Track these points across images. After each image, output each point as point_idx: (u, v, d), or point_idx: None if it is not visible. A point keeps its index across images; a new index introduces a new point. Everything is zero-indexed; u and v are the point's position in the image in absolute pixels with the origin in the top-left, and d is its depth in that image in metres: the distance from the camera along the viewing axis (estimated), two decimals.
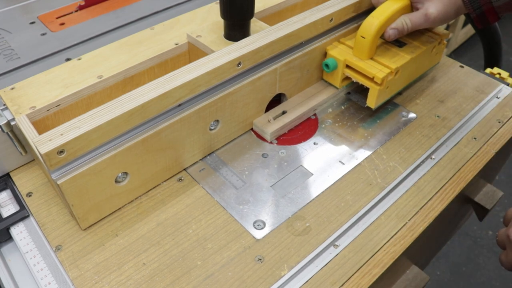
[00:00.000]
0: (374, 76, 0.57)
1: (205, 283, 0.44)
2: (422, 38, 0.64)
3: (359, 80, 0.59)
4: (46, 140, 0.41)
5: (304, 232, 0.48)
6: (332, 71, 0.61)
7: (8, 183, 0.53)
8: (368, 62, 0.58)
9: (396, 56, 0.60)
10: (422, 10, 0.59)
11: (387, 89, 0.60)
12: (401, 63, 0.59)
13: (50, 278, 0.44)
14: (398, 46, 0.62)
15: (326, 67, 0.61)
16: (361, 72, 0.58)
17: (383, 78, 0.56)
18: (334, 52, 0.60)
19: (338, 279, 0.44)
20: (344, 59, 0.59)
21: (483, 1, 0.58)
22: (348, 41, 0.62)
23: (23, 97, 0.51)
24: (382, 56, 0.59)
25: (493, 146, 0.58)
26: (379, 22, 0.56)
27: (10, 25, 0.74)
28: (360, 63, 0.58)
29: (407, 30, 0.60)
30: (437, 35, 0.64)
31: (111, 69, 0.55)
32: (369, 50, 0.58)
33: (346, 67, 0.60)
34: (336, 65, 0.60)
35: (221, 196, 0.52)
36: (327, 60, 0.60)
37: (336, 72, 0.61)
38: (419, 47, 0.62)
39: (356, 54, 0.59)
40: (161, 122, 0.48)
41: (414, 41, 0.63)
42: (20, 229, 0.49)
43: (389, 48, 0.61)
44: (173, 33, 0.62)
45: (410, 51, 0.61)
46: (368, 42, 0.57)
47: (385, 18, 0.57)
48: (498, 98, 0.66)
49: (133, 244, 0.47)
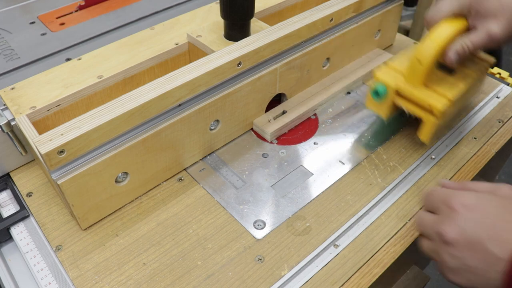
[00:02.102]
0: (432, 107, 0.49)
1: (206, 283, 0.44)
2: (469, 64, 0.56)
3: (412, 111, 0.52)
4: (46, 140, 0.41)
5: (304, 232, 0.48)
6: (382, 99, 0.53)
7: (8, 183, 0.53)
8: (423, 90, 0.51)
9: (450, 84, 0.52)
10: (483, 29, 0.50)
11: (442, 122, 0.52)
12: (457, 92, 0.51)
13: (50, 278, 0.44)
14: (448, 72, 0.54)
15: (376, 95, 0.52)
16: (416, 102, 0.51)
17: (443, 109, 0.49)
18: (384, 76, 0.52)
19: (338, 279, 0.44)
20: (396, 85, 0.51)
21: None
22: (395, 63, 0.54)
23: (23, 97, 0.51)
24: (437, 84, 0.51)
25: (493, 146, 0.58)
26: (439, 46, 0.48)
27: (10, 25, 0.74)
28: (416, 92, 0.50)
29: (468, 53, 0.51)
30: (483, 60, 0.57)
31: (111, 69, 0.55)
32: (425, 77, 0.50)
33: (397, 94, 0.52)
34: (386, 92, 0.52)
35: (221, 196, 0.52)
36: (377, 87, 0.52)
37: (385, 100, 0.53)
38: (470, 74, 0.54)
39: (409, 80, 0.51)
40: (161, 122, 0.48)
41: (463, 67, 0.55)
42: (20, 229, 0.49)
43: (440, 74, 0.53)
44: (173, 33, 0.62)
45: (462, 78, 0.53)
46: (425, 68, 0.49)
47: (445, 41, 0.49)
48: (498, 98, 0.66)
49: (133, 244, 0.47)
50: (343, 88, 0.65)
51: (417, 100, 0.50)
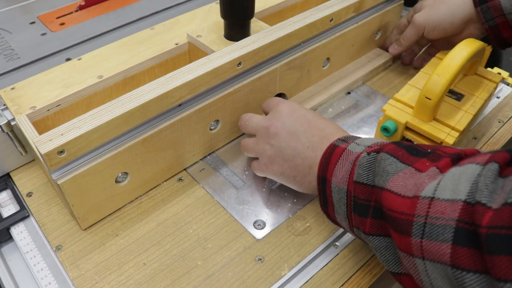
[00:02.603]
0: (442, 142, 0.50)
1: (206, 283, 0.44)
2: (476, 85, 0.57)
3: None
4: (47, 140, 0.41)
5: (304, 232, 0.48)
6: (392, 135, 0.53)
7: (8, 183, 0.53)
8: (432, 124, 0.51)
9: (458, 113, 0.53)
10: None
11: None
12: (466, 121, 0.51)
13: (50, 278, 0.44)
14: (456, 99, 0.55)
15: (386, 132, 0.53)
16: (426, 136, 0.52)
17: (453, 143, 0.50)
18: (392, 113, 0.53)
19: (338, 279, 0.44)
20: (405, 121, 0.52)
21: (496, 12, 0.55)
22: (404, 97, 0.54)
23: (23, 97, 0.51)
24: (445, 115, 0.52)
25: (493, 146, 0.58)
26: (447, 81, 0.49)
27: (10, 25, 0.74)
28: (425, 126, 0.51)
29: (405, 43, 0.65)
30: (490, 80, 0.57)
31: (111, 69, 0.55)
32: (434, 112, 0.51)
33: (406, 129, 0.53)
34: (396, 129, 0.53)
35: (221, 196, 0.52)
36: (386, 123, 0.52)
37: (395, 135, 0.54)
38: (478, 98, 0.55)
39: (417, 115, 0.52)
40: (161, 122, 0.48)
41: (470, 91, 0.56)
42: (20, 229, 0.49)
43: (449, 103, 0.54)
44: (173, 33, 0.62)
45: (471, 105, 0.54)
46: (433, 103, 0.50)
47: (452, 75, 0.49)
48: (498, 98, 0.66)
49: (134, 244, 0.47)
50: (343, 88, 0.65)
51: (427, 135, 0.51)
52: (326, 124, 0.46)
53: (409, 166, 0.34)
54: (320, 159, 0.42)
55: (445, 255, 0.28)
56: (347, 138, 0.42)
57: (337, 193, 0.39)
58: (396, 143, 0.38)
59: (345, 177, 0.39)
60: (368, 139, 0.41)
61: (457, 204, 0.28)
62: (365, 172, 0.37)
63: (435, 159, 0.34)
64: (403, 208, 0.32)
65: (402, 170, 0.34)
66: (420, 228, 0.30)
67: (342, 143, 0.41)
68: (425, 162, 0.34)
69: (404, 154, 0.36)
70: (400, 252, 0.33)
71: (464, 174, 0.29)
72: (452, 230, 0.28)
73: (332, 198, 0.40)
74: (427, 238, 0.29)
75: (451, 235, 0.28)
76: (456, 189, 0.29)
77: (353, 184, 0.38)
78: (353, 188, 0.38)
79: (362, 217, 0.37)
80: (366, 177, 0.37)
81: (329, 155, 0.41)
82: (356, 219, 0.38)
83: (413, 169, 0.34)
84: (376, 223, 0.36)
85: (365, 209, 0.37)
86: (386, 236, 0.35)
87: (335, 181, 0.40)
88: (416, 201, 0.31)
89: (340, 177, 0.39)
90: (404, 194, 0.32)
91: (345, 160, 0.39)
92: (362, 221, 0.37)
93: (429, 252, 0.29)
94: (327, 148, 0.42)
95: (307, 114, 0.47)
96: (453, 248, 0.28)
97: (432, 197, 0.30)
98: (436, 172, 0.32)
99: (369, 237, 0.37)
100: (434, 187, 0.30)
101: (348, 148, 0.40)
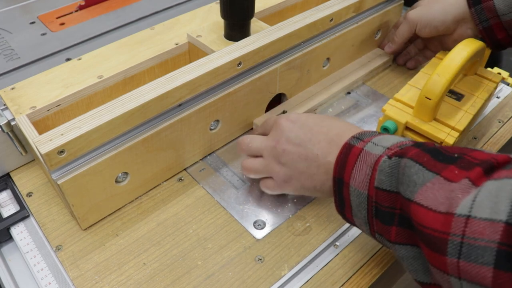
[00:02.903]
0: (442, 142, 0.50)
1: (206, 283, 0.44)
2: (476, 85, 0.57)
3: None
4: (47, 140, 0.41)
5: (304, 232, 0.48)
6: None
7: (8, 183, 0.53)
8: (432, 124, 0.51)
9: (458, 113, 0.53)
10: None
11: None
12: (466, 122, 0.52)
13: (50, 278, 0.44)
14: (456, 99, 0.55)
15: (386, 132, 0.53)
16: (426, 136, 0.52)
17: (453, 143, 0.50)
18: (392, 113, 0.53)
19: (338, 279, 0.44)
20: (405, 122, 0.52)
21: (490, 13, 0.55)
22: (404, 97, 0.54)
23: (23, 97, 0.51)
24: (445, 115, 0.52)
25: (493, 146, 0.58)
26: (447, 81, 0.49)
27: (10, 25, 0.74)
28: (425, 127, 0.51)
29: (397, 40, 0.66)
30: (490, 80, 0.57)
31: (111, 69, 0.55)
32: (434, 112, 0.51)
33: (406, 129, 0.53)
34: (396, 129, 0.53)
35: (221, 196, 0.52)
36: (386, 123, 0.52)
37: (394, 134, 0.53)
38: (478, 97, 0.55)
39: (417, 115, 0.52)
40: (161, 122, 0.48)
41: (470, 91, 0.56)
42: (21, 229, 0.49)
43: (449, 103, 0.54)
44: (173, 33, 0.62)
45: (471, 105, 0.54)
46: (433, 103, 0.50)
47: (452, 75, 0.49)
48: (498, 98, 0.66)
49: (134, 244, 0.47)
50: (343, 88, 0.65)
51: (427, 135, 0.51)
52: (330, 126, 0.45)
53: (437, 175, 0.32)
54: (336, 160, 0.40)
55: (486, 279, 0.27)
56: (362, 135, 0.41)
57: (356, 197, 0.38)
58: (419, 145, 0.36)
59: (364, 181, 0.37)
60: (385, 138, 0.39)
61: (497, 225, 0.27)
62: (388, 179, 0.35)
63: (465, 166, 0.32)
64: (436, 224, 0.30)
65: (430, 180, 0.32)
66: (456, 248, 0.28)
67: (358, 142, 0.40)
68: (453, 169, 0.32)
69: (430, 161, 0.33)
70: (431, 267, 0.31)
71: (502, 192, 0.28)
72: (493, 253, 0.27)
73: (351, 202, 0.39)
74: (464, 259, 0.28)
75: (493, 258, 0.27)
76: (496, 208, 0.27)
77: (375, 190, 0.36)
78: (375, 194, 0.36)
79: (386, 225, 0.36)
80: (389, 184, 0.35)
81: (345, 155, 0.40)
82: (379, 226, 0.37)
83: (441, 178, 0.32)
84: (402, 232, 0.35)
85: (390, 217, 0.35)
86: (414, 245, 0.34)
87: (354, 184, 0.38)
88: (451, 218, 0.29)
89: (359, 180, 0.38)
90: (436, 209, 0.31)
91: (363, 163, 0.38)
92: (387, 229, 0.36)
93: (467, 273, 0.28)
94: (342, 147, 0.40)
95: (307, 121, 0.46)
96: (495, 272, 0.26)
97: (469, 216, 0.28)
98: (469, 185, 0.30)
99: (395, 246, 0.35)
100: (470, 204, 0.29)
101: (365, 149, 0.38)
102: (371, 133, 0.41)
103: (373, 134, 0.41)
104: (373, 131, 0.42)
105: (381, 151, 0.37)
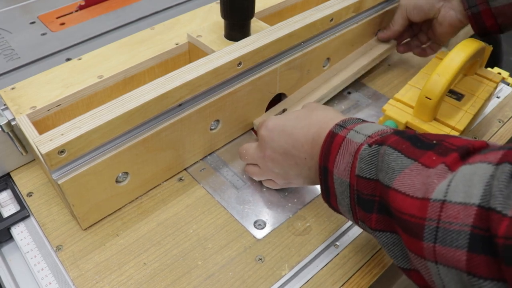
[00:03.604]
0: None
1: (206, 283, 0.44)
2: (476, 85, 0.57)
3: None
4: (47, 140, 0.41)
5: (304, 232, 0.48)
6: None
7: (8, 183, 0.53)
8: (433, 123, 0.52)
9: (458, 113, 0.53)
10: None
11: None
12: (466, 121, 0.52)
13: (50, 278, 0.44)
14: (456, 99, 0.55)
15: None
16: None
17: None
18: (392, 113, 0.53)
19: (338, 279, 0.44)
20: (406, 122, 0.52)
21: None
22: (404, 97, 0.54)
23: (23, 97, 0.51)
24: (445, 114, 0.52)
25: None
26: (447, 81, 0.49)
27: (10, 25, 0.74)
28: (425, 126, 0.51)
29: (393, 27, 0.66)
30: (490, 80, 0.58)
31: (111, 69, 0.55)
32: (434, 112, 0.51)
33: (407, 128, 0.53)
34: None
35: (221, 196, 0.52)
36: (386, 123, 0.52)
37: None
38: (478, 97, 0.55)
39: (418, 115, 0.52)
40: (161, 122, 0.48)
41: (470, 91, 0.56)
42: (21, 229, 0.49)
43: (449, 103, 0.54)
44: (173, 33, 0.62)
45: (471, 105, 0.54)
46: (434, 103, 0.50)
47: (452, 75, 0.49)
48: (498, 98, 0.66)
49: (134, 244, 0.47)
50: (344, 81, 0.64)
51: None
52: (308, 124, 0.44)
53: (415, 162, 0.33)
54: (321, 148, 0.41)
55: (460, 262, 0.27)
56: (345, 122, 0.41)
57: (339, 185, 0.39)
58: (399, 133, 0.36)
59: (346, 169, 0.38)
60: (368, 126, 0.39)
61: (470, 208, 0.27)
62: (367, 166, 0.36)
63: (442, 152, 0.32)
64: (413, 210, 0.30)
65: (408, 167, 0.33)
66: (432, 233, 0.29)
67: (341, 130, 0.40)
68: (431, 155, 0.32)
69: (409, 147, 0.34)
70: (410, 253, 0.32)
71: (475, 175, 0.28)
72: (467, 236, 0.27)
73: (335, 190, 0.40)
74: (440, 243, 0.28)
75: (466, 241, 0.27)
76: (469, 192, 0.28)
77: (356, 178, 0.37)
78: (356, 182, 0.37)
79: (367, 212, 0.36)
80: (369, 172, 0.36)
81: (329, 144, 0.40)
82: (361, 213, 0.37)
83: (419, 164, 0.32)
84: (382, 218, 0.35)
85: (370, 204, 0.36)
86: (393, 232, 0.35)
87: (337, 172, 0.39)
88: (427, 203, 0.30)
89: (342, 169, 0.38)
90: (413, 195, 0.31)
91: (345, 151, 0.38)
92: (367, 216, 0.36)
93: (443, 257, 0.28)
94: (326, 136, 0.41)
95: (285, 125, 0.46)
96: (468, 255, 0.27)
97: (444, 200, 0.29)
98: (445, 170, 0.31)
99: (376, 233, 0.36)
100: (445, 189, 0.29)
101: (347, 137, 0.39)
102: (355, 120, 0.41)
103: (356, 121, 0.41)
104: (357, 118, 0.42)
105: (362, 139, 0.38)
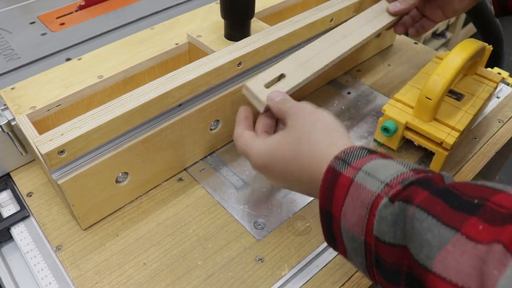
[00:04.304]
0: (443, 142, 0.50)
1: (206, 283, 0.44)
2: (476, 85, 0.57)
3: (423, 144, 0.53)
4: (47, 140, 0.41)
5: (304, 232, 0.48)
6: (392, 135, 0.54)
7: (8, 183, 0.53)
8: (433, 124, 0.52)
9: (458, 113, 0.53)
10: None
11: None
12: (466, 121, 0.52)
13: (50, 278, 0.44)
14: (456, 99, 0.55)
15: (386, 132, 0.53)
16: (426, 136, 0.52)
17: (453, 143, 0.50)
18: (392, 113, 0.53)
19: (338, 279, 0.44)
20: (405, 122, 0.52)
21: None
22: (404, 97, 0.55)
23: (23, 97, 0.51)
24: (445, 115, 0.52)
25: (493, 146, 0.58)
26: (447, 81, 0.49)
27: (10, 25, 0.74)
28: (425, 126, 0.51)
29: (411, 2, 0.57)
30: (490, 80, 0.58)
31: (111, 69, 0.55)
32: (434, 112, 0.51)
33: (407, 129, 0.53)
34: (397, 129, 0.53)
35: (221, 196, 0.52)
36: (386, 123, 0.52)
37: (395, 134, 0.54)
38: (478, 97, 0.55)
39: (418, 115, 0.52)
40: (161, 122, 0.48)
41: (470, 91, 0.56)
42: (21, 229, 0.49)
43: (449, 103, 0.54)
44: (173, 33, 0.62)
45: (471, 105, 0.54)
46: (434, 103, 0.50)
47: (452, 75, 0.49)
48: (499, 98, 0.66)
49: (134, 244, 0.47)
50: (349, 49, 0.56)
51: (427, 135, 0.51)
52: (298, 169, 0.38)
53: (457, 232, 0.26)
54: (320, 189, 0.34)
55: None
56: (348, 156, 0.34)
57: (351, 240, 0.32)
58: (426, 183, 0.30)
59: (360, 224, 0.31)
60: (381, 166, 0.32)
61: None
62: (391, 230, 0.29)
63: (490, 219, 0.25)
64: None
65: (450, 241, 0.26)
66: None
67: (345, 168, 0.33)
68: (476, 224, 0.26)
69: (444, 209, 0.27)
70: None
71: None
72: None
73: (343, 241, 0.33)
74: None
75: None
76: None
77: (374, 239, 0.30)
78: (374, 244, 0.30)
79: (392, 284, 0.30)
80: (393, 236, 0.29)
81: (330, 184, 0.33)
82: (382, 281, 0.31)
83: (463, 237, 0.25)
84: None
85: (395, 275, 0.30)
86: None
87: (347, 225, 0.32)
88: None
89: (353, 222, 0.31)
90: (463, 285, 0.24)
91: (355, 199, 0.31)
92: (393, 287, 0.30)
93: None
94: (325, 173, 0.34)
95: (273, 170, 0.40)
96: None
97: None
98: (502, 252, 0.24)
99: None
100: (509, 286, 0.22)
101: (356, 181, 0.32)
102: (357, 151, 0.34)
103: (360, 153, 0.34)
104: (360, 148, 0.34)
105: (378, 187, 0.31)
